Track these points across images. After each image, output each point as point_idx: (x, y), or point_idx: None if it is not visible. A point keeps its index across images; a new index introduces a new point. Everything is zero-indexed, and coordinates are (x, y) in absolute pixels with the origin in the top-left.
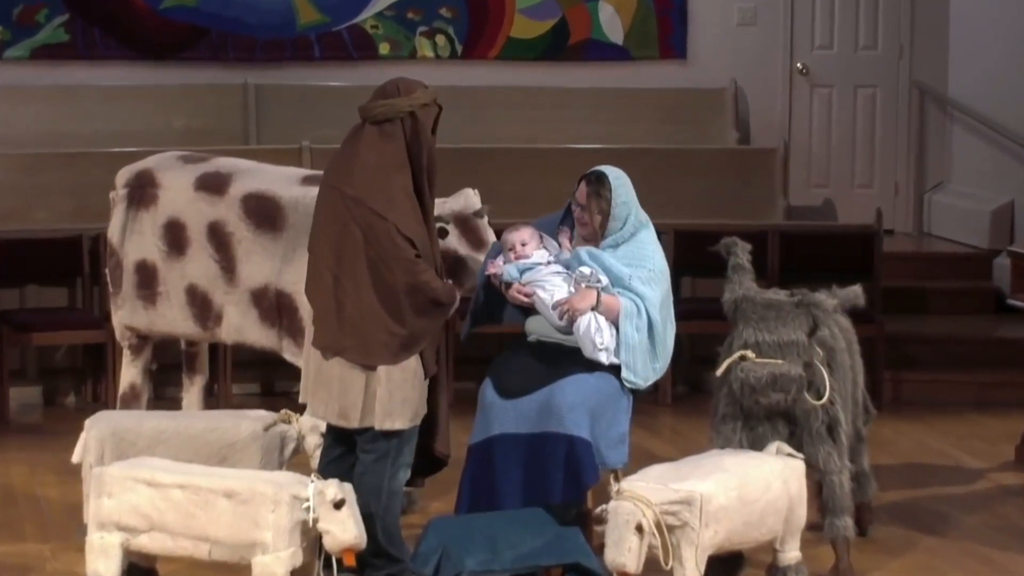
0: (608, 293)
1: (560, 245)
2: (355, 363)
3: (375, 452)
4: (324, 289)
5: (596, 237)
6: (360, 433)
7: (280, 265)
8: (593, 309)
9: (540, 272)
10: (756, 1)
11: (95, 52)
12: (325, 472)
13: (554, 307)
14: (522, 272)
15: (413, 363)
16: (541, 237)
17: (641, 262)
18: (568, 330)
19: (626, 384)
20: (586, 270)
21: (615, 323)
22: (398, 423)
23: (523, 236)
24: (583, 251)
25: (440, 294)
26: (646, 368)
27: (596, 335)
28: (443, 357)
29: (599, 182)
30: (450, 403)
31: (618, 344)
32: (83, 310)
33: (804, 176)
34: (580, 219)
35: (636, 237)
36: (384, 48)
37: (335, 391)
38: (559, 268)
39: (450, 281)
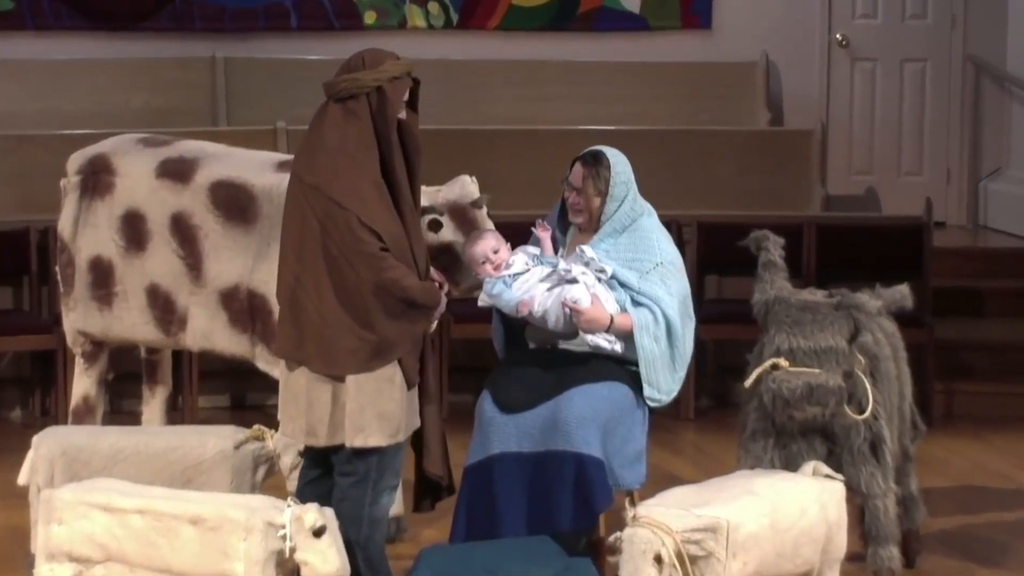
0: (608, 283)
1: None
2: (320, 373)
3: (353, 475)
4: (285, 290)
5: (593, 223)
6: (335, 452)
7: (252, 262)
8: (606, 331)
9: (529, 279)
10: None
11: (43, 22)
12: (302, 495)
13: (569, 306)
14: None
15: (389, 372)
16: (508, 242)
17: (648, 255)
18: (573, 336)
19: (649, 403)
20: (588, 250)
21: (627, 339)
22: (372, 439)
23: (491, 243)
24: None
25: (414, 294)
26: (667, 381)
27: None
28: (435, 365)
29: (596, 161)
30: (444, 418)
31: (636, 358)
32: (30, 313)
33: (844, 162)
34: (575, 205)
35: (637, 224)
36: (370, 17)
37: (302, 404)
38: (545, 272)
39: (437, 279)
